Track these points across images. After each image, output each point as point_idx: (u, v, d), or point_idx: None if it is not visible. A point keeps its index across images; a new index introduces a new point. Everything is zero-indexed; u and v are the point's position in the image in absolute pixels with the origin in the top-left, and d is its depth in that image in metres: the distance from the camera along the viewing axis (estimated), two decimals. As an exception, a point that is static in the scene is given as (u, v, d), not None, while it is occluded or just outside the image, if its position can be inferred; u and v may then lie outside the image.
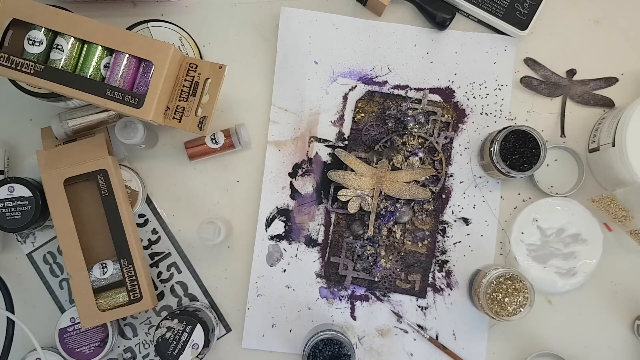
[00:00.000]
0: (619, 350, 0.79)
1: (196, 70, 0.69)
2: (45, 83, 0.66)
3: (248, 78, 0.81)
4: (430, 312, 0.79)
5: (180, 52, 0.69)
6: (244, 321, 0.79)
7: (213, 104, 0.68)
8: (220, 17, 0.82)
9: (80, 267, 0.72)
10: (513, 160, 0.74)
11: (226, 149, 0.79)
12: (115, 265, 0.74)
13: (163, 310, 0.80)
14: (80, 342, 0.76)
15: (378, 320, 0.79)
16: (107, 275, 0.74)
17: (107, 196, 0.73)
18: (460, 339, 0.78)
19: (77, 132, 0.77)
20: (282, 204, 0.80)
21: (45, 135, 0.77)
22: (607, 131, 0.74)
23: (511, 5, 0.78)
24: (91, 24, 0.66)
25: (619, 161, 0.71)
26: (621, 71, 0.81)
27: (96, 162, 0.73)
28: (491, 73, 0.80)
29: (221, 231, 0.74)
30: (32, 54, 0.66)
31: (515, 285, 0.72)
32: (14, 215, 0.72)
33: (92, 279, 0.73)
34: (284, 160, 0.80)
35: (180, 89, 0.69)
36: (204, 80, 0.69)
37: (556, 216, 0.78)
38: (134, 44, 0.66)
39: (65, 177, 0.73)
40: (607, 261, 0.78)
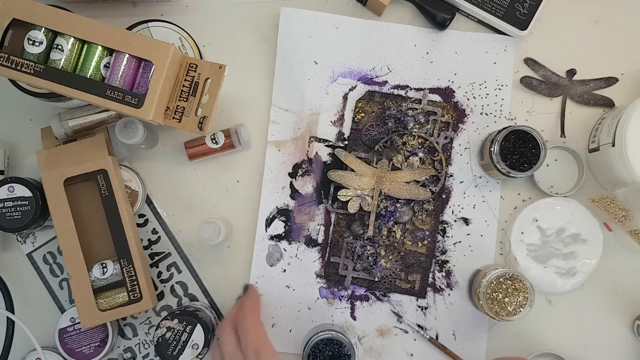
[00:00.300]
0: (619, 350, 0.79)
1: (196, 70, 0.69)
2: (45, 83, 0.66)
3: (248, 78, 0.81)
4: (430, 312, 0.79)
5: (181, 52, 0.69)
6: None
7: (213, 104, 0.68)
8: (220, 17, 0.82)
9: (80, 267, 0.72)
10: (513, 160, 0.74)
11: (226, 149, 0.79)
12: (115, 265, 0.74)
13: (163, 310, 0.80)
14: (80, 342, 0.76)
15: (378, 320, 0.79)
16: (107, 275, 0.74)
17: (107, 196, 0.73)
18: (460, 339, 0.78)
19: (77, 132, 0.77)
20: (282, 204, 0.80)
21: (45, 135, 0.77)
22: (607, 131, 0.74)
23: (511, 5, 0.78)
24: (91, 24, 0.66)
25: (619, 161, 0.71)
26: (621, 71, 0.81)
27: (96, 162, 0.73)
28: (491, 73, 0.80)
29: (221, 231, 0.74)
30: (32, 54, 0.66)
31: (515, 285, 0.72)
32: (14, 215, 0.72)
33: (92, 279, 0.73)
34: (284, 160, 0.80)
35: (180, 89, 0.69)
36: (204, 80, 0.69)
37: (556, 216, 0.78)
38: (134, 44, 0.66)
39: (65, 177, 0.73)
40: (607, 261, 0.78)
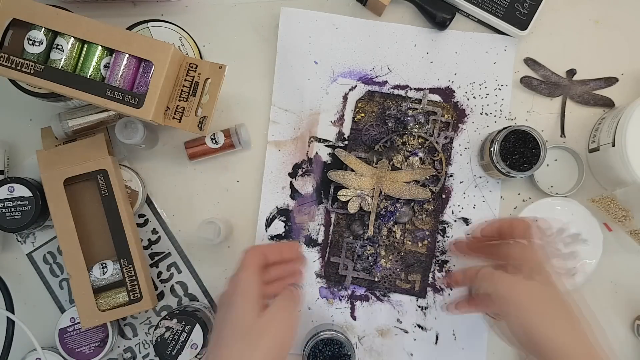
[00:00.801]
0: (619, 350, 0.79)
1: (196, 70, 0.69)
2: (45, 83, 0.66)
3: (248, 78, 0.81)
4: (430, 312, 0.79)
5: (181, 52, 0.69)
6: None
7: (213, 104, 0.68)
8: (220, 17, 0.82)
9: (80, 267, 0.72)
10: (513, 160, 0.74)
11: (226, 149, 0.79)
12: (115, 265, 0.74)
13: (163, 310, 0.80)
14: (80, 342, 0.76)
15: (378, 320, 0.79)
16: (107, 275, 0.74)
17: (107, 196, 0.73)
18: (460, 339, 0.78)
19: (77, 132, 0.77)
20: (282, 204, 0.80)
21: (45, 135, 0.77)
22: (607, 131, 0.74)
23: (511, 5, 0.78)
24: (91, 24, 0.66)
25: (619, 161, 0.71)
26: (621, 71, 0.81)
27: (96, 162, 0.73)
28: (491, 73, 0.80)
29: (220, 231, 0.74)
30: (32, 54, 0.66)
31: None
32: (14, 215, 0.72)
33: (92, 279, 0.73)
34: (284, 160, 0.80)
35: (180, 89, 0.69)
36: (204, 80, 0.69)
37: (556, 216, 0.78)
38: (134, 44, 0.66)
39: (65, 177, 0.73)
40: (607, 261, 0.78)
